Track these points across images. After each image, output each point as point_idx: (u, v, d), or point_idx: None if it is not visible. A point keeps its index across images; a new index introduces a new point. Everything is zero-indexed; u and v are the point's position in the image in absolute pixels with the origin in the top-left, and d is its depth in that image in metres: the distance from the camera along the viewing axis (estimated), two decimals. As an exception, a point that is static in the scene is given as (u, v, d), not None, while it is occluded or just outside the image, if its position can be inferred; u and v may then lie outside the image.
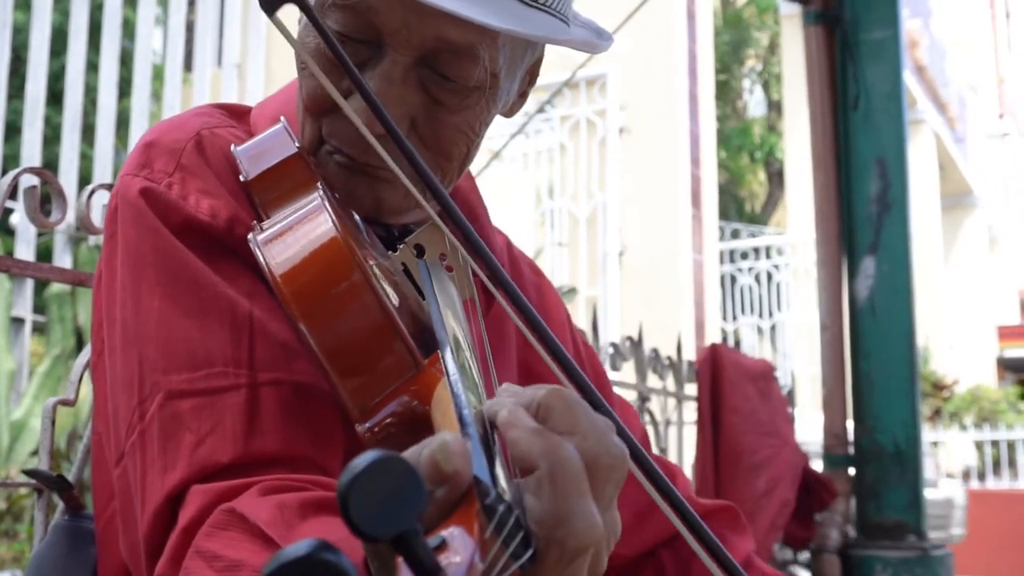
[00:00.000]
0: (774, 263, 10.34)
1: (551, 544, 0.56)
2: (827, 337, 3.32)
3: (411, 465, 0.49)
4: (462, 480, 0.55)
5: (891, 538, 3.06)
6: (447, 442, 0.55)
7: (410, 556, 0.48)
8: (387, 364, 0.78)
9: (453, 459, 0.55)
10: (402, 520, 0.48)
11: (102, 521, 1.01)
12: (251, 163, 0.96)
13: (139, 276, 0.92)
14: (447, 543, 0.51)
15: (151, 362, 0.89)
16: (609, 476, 0.61)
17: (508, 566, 0.52)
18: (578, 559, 0.57)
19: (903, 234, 3.18)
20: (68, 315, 4.59)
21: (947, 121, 14.42)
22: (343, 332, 0.77)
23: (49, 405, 1.37)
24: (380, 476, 0.48)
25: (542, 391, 0.63)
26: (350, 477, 0.47)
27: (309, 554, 0.43)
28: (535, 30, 0.91)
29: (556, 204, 7.12)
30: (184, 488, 0.83)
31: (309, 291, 0.78)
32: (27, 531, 4.00)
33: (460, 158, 1.00)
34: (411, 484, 0.48)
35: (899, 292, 3.16)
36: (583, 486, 0.58)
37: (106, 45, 5.21)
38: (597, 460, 0.60)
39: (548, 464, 0.57)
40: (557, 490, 0.56)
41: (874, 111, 3.22)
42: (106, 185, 1.52)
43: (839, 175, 3.30)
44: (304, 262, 0.79)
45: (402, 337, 0.78)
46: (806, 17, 3.43)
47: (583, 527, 0.56)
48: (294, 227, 0.83)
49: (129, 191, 0.95)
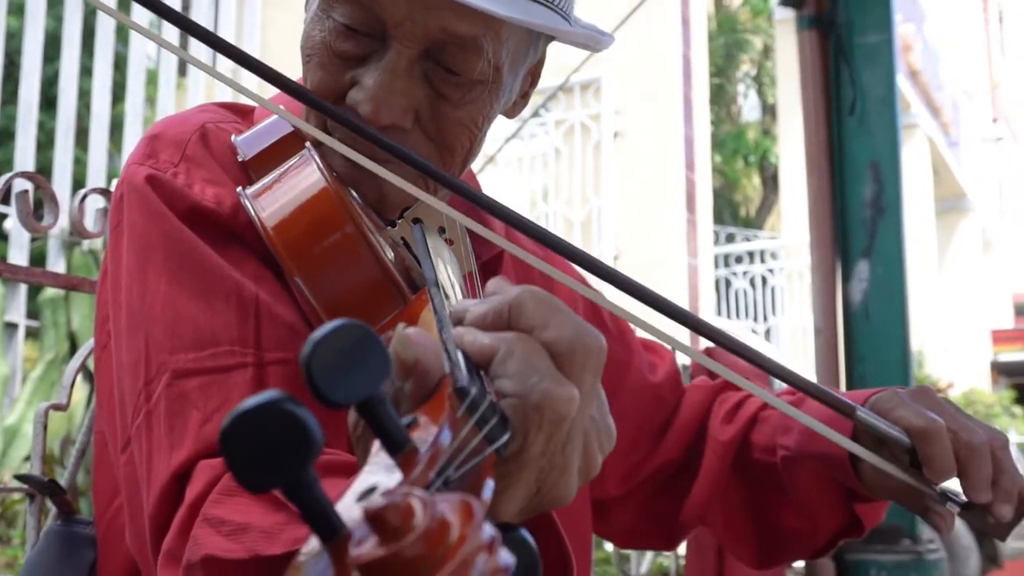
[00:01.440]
0: (768, 267, 10.36)
1: (527, 414, 0.56)
2: (821, 341, 3.32)
3: (373, 331, 0.48)
4: (424, 368, 0.55)
5: (885, 542, 3.06)
6: (405, 332, 0.56)
7: (376, 424, 0.48)
8: (377, 302, 0.79)
9: (411, 347, 0.55)
10: (366, 385, 0.47)
11: (104, 521, 1.01)
12: (249, 147, 0.97)
13: (145, 260, 0.92)
14: (418, 422, 0.51)
15: (157, 343, 0.89)
16: (585, 361, 0.61)
17: (482, 448, 0.52)
18: (557, 431, 0.57)
19: (897, 238, 3.18)
20: (61, 320, 4.58)
21: (941, 125, 14.45)
22: (331, 273, 0.79)
23: (41, 410, 1.36)
24: (343, 341, 0.47)
25: (512, 292, 0.63)
26: (313, 342, 0.46)
27: (271, 401, 0.42)
28: (538, 20, 0.92)
29: (551, 208, 7.12)
30: (191, 465, 0.83)
31: (297, 236, 0.79)
32: (20, 536, 3.98)
33: (463, 152, 1.00)
34: (374, 350, 0.47)
35: (893, 296, 3.16)
36: (543, 357, 0.58)
37: (100, 50, 5.20)
38: (572, 346, 0.60)
39: (505, 344, 0.58)
40: (520, 360, 0.57)
41: (868, 115, 3.23)
42: (99, 189, 1.51)
43: (833, 179, 3.30)
44: (292, 209, 0.81)
45: (390, 276, 0.79)
46: (800, 22, 3.44)
47: (556, 391, 0.57)
48: (282, 178, 0.84)
49: (135, 179, 0.96)
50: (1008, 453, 0.98)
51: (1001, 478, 0.95)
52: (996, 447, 0.97)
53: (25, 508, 4.05)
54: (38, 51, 5.00)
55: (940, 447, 0.95)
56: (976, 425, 0.99)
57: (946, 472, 0.95)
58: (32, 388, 4.38)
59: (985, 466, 0.95)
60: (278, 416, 0.41)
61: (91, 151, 5.11)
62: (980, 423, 1.00)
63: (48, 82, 5.70)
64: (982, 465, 0.95)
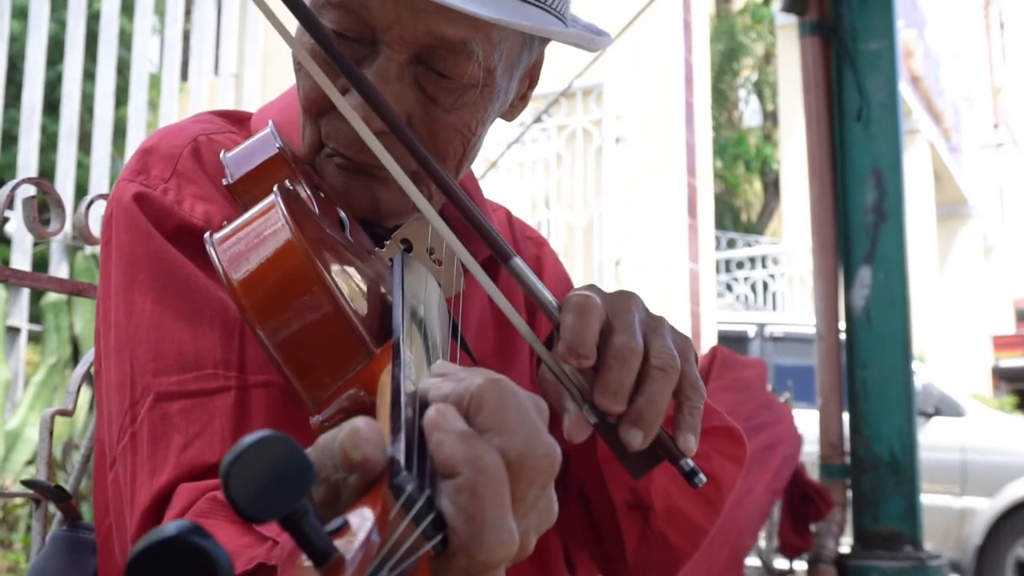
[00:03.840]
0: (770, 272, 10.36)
1: (459, 552, 0.54)
2: (823, 347, 3.32)
3: (296, 445, 0.47)
4: (372, 467, 0.54)
5: (887, 548, 3.06)
6: (356, 428, 0.55)
7: (300, 537, 0.47)
8: (338, 359, 0.77)
9: (361, 446, 0.54)
10: (287, 501, 0.46)
11: (103, 530, 1.01)
12: (236, 167, 0.96)
13: (132, 280, 0.93)
14: (348, 524, 0.50)
15: (142, 365, 0.89)
16: (534, 479, 0.59)
17: (419, 545, 0.51)
18: (486, 573, 0.55)
19: (899, 244, 3.18)
20: (64, 324, 4.58)
21: (942, 131, 14.46)
22: (292, 329, 0.77)
23: (47, 415, 1.36)
24: (264, 457, 0.46)
25: (477, 380, 0.61)
26: (232, 457, 0.46)
27: (177, 535, 0.41)
28: (528, 21, 0.91)
29: (552, 214, 7.12)
30: (171, 489, 0.84)
31: (259, 289, 0.77)
32: (23, 541, 3.98)
33: (456, 158, 1.00)
34: (297, 464, 0.47)
35: (895, 302, 3.16)
36: (503, 498, 0.56)
37: (103, 54, 5.21)
38: (522, 462, 0.58)
39: (470, 473, 0.55)
40: (475, 501, 0.55)
41: (870, 121, 3.23)
42: (104, 195, 1.52)
43: (835, 185, 3.31)
44: (254, 260, 0.78)
45: (354, 330, 0.76)
46: (802, 28, 3.44)
47: (496, 542, 0.55)
48: (247, 225, 0.82)
49: (123, 196, 0.96)
50: (693, 390, 0.83)
51: (639, 399, 0.79)
52: (661, 368, 0.80)
53: (27, 512, 4.05)
54: (41, 55, 5.01)
55: (574, 318, 0.79)
56: (674, 340, 0.84)
57: (568, 348, 0.78)
58: (34, 392, 4.38)
59: (624, 373, 0.79)
60: (187, 552, 0.42)
61: (94, 155, 5.11)
62: (683, 341, 0.85)
63: (51, 86, 5.71)
64: (622, 369, 0.79)
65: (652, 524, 1.02)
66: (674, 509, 1.03)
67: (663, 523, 1.02)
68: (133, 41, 5.47)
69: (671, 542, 1.04)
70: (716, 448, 1.06)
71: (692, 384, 0.83)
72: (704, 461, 1.01)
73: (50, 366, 4.45)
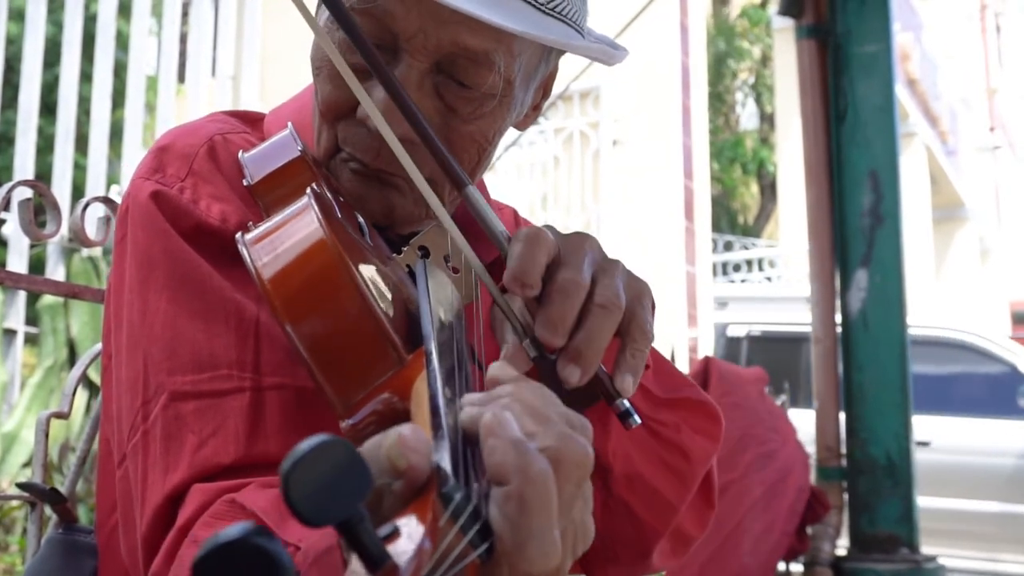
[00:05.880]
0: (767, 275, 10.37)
1: (503, 561, 0.55)
2: (820, 350, 3.32)
3: (355, 450, 0.48)
4: (417, 474, 0.54)
5: (884, 551, 3.06)
6: (403, 436, 0.55)
7: (355, 543, 0.48)
8: (370, 362, 0.77)
9: (408, 455, 0.55)
10: (345, 506, 0.47)
11: (106, 529, 1.01)
12: (256, 168, 0.96)
13: (147, 278, 0.92)
14: (399, 531, 0.50)
15: (156, 363, 0.89)
16: (570, 474, 0.60)
17: (466, 553, 0.52)
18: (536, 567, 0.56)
19: (895, 247, 3.19)
20: (60, 326, 4.58)
21: (938, 134, 14.49)
22: (325, 331, 0.77)
23: (43, 418, 1.36)
24: (323, 461, 0.47)
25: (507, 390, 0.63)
26: (292, 461, 0.46)
27: (242, 537, 0.42)
28: (551, 35, 0.91)
29: (550, 216, 7.13)
30: (185, 489, 0.83)
31: (292, 290, 0.77)
32: (18, 543, 3.97)
33: (470, 165, 1.00)
34: (355, 469, 0.47)
35: (891, 304, 3.17)
36: (550, 510, 0.57)
37: (100, 56, 5.20)
38: (558, 456, 0.60)
39: (520, 482, 0.56)
40: (523, 511, 0.55)
41: (866, 124, 3.23)
42: (101, 198, 1.52)
43: (832, 188, 3.31)
44: (288, 261, 0.79)
45: (385, 334, 0.77)
46: (798, 31, 3.45)
47: (539, 554, 0.56)
48: (281, 226, 0.82)
49: (140, 194, 0.96)
50: (640, 332, 0.81)
51: (578, 334, 0.77)
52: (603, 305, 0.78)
53: (23, 515, 4.05)
54: (38, 56, 5.00)
55: (522, 247, 0.78)
56: (628, 282, 0.82)
57: (513, 276, 0.77)
58: (31, 394, 4.37)
59: (567, 307, 0.77)
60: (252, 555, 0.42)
61: (91, 157, 5.11)
62: (638, 284, 0.84)
63: (48, 88, 5.71)
64: (564, 303, 0.77)
65: (613, 490, 1.00)
66: (636, 476, 1.01)
67: (624, 489, 1.01)
68: (130, 43, 5.46)
69: (635, 512, 1.02)
70: (687, 420, 1.04)
71: (639, 326, 0.82)
72: (673, 431, 1.01)
73: (46, 368, 4.44)
